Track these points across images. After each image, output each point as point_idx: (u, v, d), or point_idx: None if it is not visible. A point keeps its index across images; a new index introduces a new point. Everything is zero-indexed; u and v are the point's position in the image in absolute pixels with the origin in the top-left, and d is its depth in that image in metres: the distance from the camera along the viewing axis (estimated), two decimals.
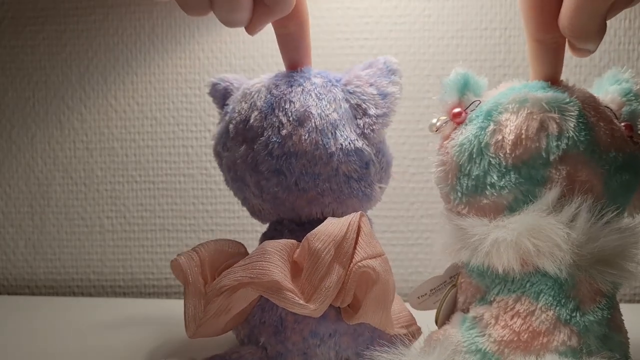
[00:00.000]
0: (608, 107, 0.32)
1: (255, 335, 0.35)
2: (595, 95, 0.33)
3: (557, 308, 0.29)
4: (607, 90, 0.34)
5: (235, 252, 0.35)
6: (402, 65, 0.37)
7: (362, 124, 0.35)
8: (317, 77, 0.36)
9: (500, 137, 0.30)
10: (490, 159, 0.31)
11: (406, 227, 0.60)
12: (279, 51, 0.37)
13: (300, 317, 0.33)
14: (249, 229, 0.62)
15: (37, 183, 0.65)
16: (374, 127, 0.35)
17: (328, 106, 0.34)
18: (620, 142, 0.31)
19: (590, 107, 0.31)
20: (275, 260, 0.32)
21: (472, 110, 0.33)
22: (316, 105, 0.34)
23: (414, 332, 0.36)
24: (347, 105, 0.35)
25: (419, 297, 0.37)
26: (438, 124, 0.33)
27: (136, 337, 0.45)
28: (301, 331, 0.33)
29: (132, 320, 0.51)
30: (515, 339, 0.30)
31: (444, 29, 0.59)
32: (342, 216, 0.33)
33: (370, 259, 0.31)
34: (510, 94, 0.31)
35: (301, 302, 0.31)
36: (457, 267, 0.35)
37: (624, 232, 0.30)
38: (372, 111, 0.35)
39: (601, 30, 0.28)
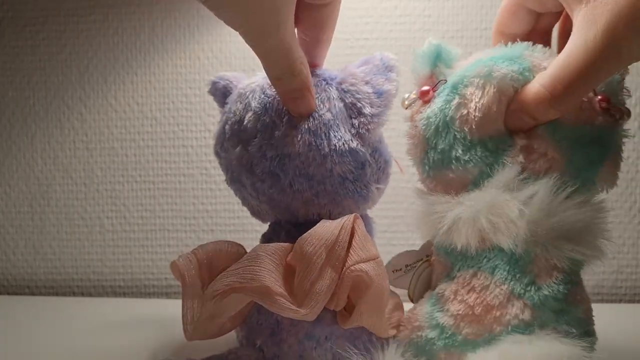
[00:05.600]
0: None
1: (252, 337, 0.35)
2: None
3: (512, 282, 0.30)
4: None
5: (234, 252, 0.35)
6: (402, 64, 0.36)
7: (357, 124, 0.34)
8: (311, 76, 0.35)
9: (465, 112, 0.31)
10: (456, 133, 0.31)
11: (406, 227, 0.60)
12: None
13: (296, 319, 0.33)
14: (248, 229, 0.62)
15: (37, 183, 0.65)
16: (369, 126, 0.34)
17: (321, 106, 0.34)
18: (587, 115, 0.30)
19: None
20: (267, 265, 0.31)
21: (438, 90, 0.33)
22: None
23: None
24: (341, 105, 0.34)
25: (394, 272, 0.37)
26: (407, 102, 0.34)
27: (136, 337, 0.45)
28: (297, 334, 0.33)
29: (132, 320, 0.51)
30: (470, 312, 0.30)
31: (444, 29, 0.59)
32: (338, 217, 0.33)
33: (363, 262, 0.31)
34: (477, 66, 0.31)
35: (292, 307, 0.30)
36: (431, 244, 0.35)
37: (584, 207, 0.29)
38: (367, 110, 0.34)
39: None
